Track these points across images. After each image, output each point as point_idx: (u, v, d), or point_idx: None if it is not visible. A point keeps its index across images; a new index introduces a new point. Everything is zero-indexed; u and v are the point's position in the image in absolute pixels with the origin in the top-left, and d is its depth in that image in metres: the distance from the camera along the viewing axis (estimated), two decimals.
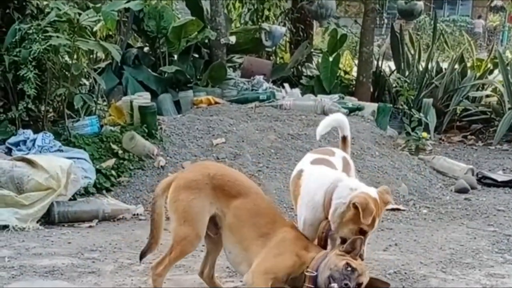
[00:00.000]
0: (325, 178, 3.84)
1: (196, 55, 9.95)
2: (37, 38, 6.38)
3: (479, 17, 27.65)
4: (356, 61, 11.17)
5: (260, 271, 3.66)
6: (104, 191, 6.49)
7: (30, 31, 6.43)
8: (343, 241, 3.73)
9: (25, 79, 6.41)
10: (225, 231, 3.89)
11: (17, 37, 6.55)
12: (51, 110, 7.26)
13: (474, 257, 5.21)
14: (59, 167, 5.84)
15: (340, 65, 10.90)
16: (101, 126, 7.34)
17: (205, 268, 4.18)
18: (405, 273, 4.72)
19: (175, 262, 3.94)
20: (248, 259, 3.79)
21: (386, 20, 18.94)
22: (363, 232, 3.67)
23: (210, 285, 4.17)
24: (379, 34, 17.44)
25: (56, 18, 6.48)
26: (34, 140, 6.52)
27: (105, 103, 8.11)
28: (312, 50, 11.83)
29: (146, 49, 10.16)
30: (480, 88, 10.85)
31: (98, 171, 6.57)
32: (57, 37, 6.40)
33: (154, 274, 3.87)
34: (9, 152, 6.48)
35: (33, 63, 6.47)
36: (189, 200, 3.86)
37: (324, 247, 3.76)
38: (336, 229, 3.72)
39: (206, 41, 9.70)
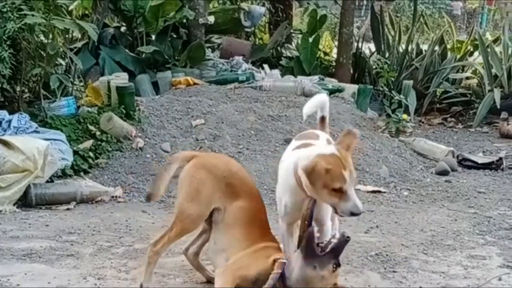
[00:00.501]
0: (293, 157, 3.74)
1: (174, 35, 9.83)
2: (12, 16, 6.23)
3: None
4: (336, 42, 11.11)
5: (233, 267, 3.65)
6: (81, 173, 6.39)
7: (4, 9, 6.28)
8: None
9: (0, 58, 6.27)
10: (218, 225, 3.84)
11: None
12: (26, 90, 7.13)
13: (455, 239, 5.22)
14: (35, 148, 5.73)
15: (320, 46, 10.86)
16: (78, 107, 7.23)
17: (191, 246, 4.12)
18: (387, 255, 4.71)
19: (175, 240, 3.86)
20: (227, 255, 3.76)
21: (365, 2, 18.88)
22: (341, 191, 3.48)
23: (193, 263, 4.12)
24: (358, 16, 17.37)
25: None
26: (9, 121, 6.38)
27: (81, 84, 7.98)
28: (291, 31, 11.76)
29: (123, 28, 10.01)
30: (460, 70, 10.87)
31: (75, 152, 6.47)
32: (32, 15, 6.25)
33: (151, 250, 3.81)
34: None
35: (8, 42, 6.33)
36: (205, 181, 3.82)
37: (309, 225, 3.67)
38: (319, 200, 3.58)
39: (184, 21, 9.58)
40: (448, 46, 11.21)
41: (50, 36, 6.81)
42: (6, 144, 5.78)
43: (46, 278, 4.08)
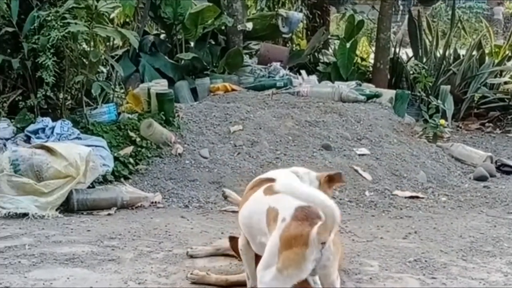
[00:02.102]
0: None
1: (213, 42, 9.92)
2: (56, 25, 6.35)
3: (499, 3, 27.30)
4: (373, 48, 11.08)
5: None
6: (122, 179, 6.49)
7: (49, 18, 6.41)
8: None
9: (44, 66, 6.40)
10: None
11: (35, 24, 6.53)
12: (69, 97, 7.25)
13: (494, 245, 5.16)
14: (78, 154, 5.84)
15: (357, 52, 10.82)
16: (119, 113, 7.34)
17: None
18: (425, 261, 4.69)
19: None
20: None
21: (401, 7, 18.77)
22: None
23: None
24: (394, 21, 17.25)
25: (74, 5, 6.46)
26: (52, 128, 6.52)
27: (122, 91, 8.09)
28: (329, 36, 11.76)
29: (162, 36, 10.14)
30: (498, 75, 10.74)
31: (116, 158, 6.57)
32: (75, 23, 6.38)
33: None
34: (28, 140, 6.48)
35: (52, 50, 6.44)
36: None
37: None
38: None
39: (223, 27, 9.66)
40: (486, 51, 11.09)
41: (92, 44, 6.93)
42: (49, 150, 5.90)
43: (88, 283, 4.15)
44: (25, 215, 5.53)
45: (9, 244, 4.83)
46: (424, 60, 10.54)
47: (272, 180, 3.75)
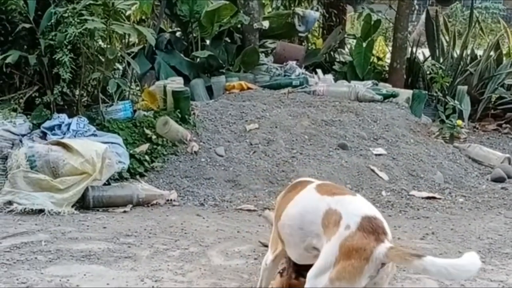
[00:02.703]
0: None
1: (229, 40, 9.88)
2: (73, 21, 6.35)
3: None
4: (390, 47, 11.02)
5: None
6: (137, 176, 6.49)
7: (66, 15, 6.41)
8: None
9: (61, 63, 6.40)
10: None
11: (52, 21, 6.53)
12: (85, 94, 7.25)
13: None
14: (94, 151, 5.84)
15: (374, 51, 10.76)
16: (134, 111, 7.33)
17: None
18: None
19: None
20: None
21: (417, 7, 18.68)
22: None
23: None
24: (410, 20, 17.18)
25: (91, 2, 6.45)
26: (68, 125, 6.51)
27: (138, 88, 8.08)
28: (345, 35, 11.71)
29: (178, 33, 10.12)
30: None
31: (131, 156, 6.57)
32: (92, 20, 6.38)
33: None
34: (44, 136, 6.48)
35: (69, 47, 6.44)
36: None
37: None
38: None
39: (239, 26, 9.62)
40: (504, 52, 11.00)
41: (108, 40, 6.93)
42: (65, 147, 5.91)
43: (105, 280, 4.16)
44: (41, 211, 5.54)
45: (25, 240, 4.84)
46: (441, 60, 10.46)
47: (309, 182, 3.64)
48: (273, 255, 3.67)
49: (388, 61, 10.77)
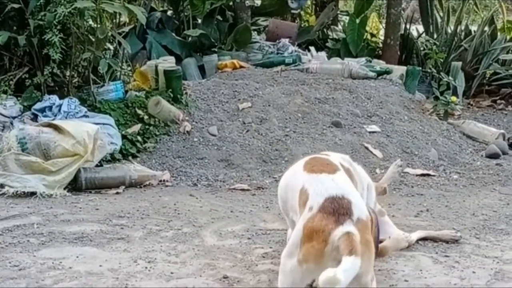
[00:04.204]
0: None
1: (221, 18, 9.80)
2: (62, 1, 6.27)
3: None
4: (383, 24, 10.96)
5: None
6: (130, 157, 6.43)
7: None
8: None
9: (50, 43, 6.32)
10: None
11: (41, 1, 6.43)
12: (76, 75, 7.18)
13: (508, 223, 5.14)
14: (85, 132, 5.79)
15: (367, 28, 10.68)
16: (126, 91, 7.26)
17: None
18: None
19: None
20: None
21: None
22: None
23: None
24: None
25: None
26: (59, 106, 6.45)
27: (129, 68, 8.02)
28: (338, 12, 11.62)
29: (170, 12, 10.04)
30: (511, 51, 10.58)
31: (123, 137, 6.52)
32: None
33: None
34: (35, 118, 6.43)
35: (58, 27, 6.36)
36: None
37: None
38: None
39: (231, 3, 9.56)
40: (498, 27, 10.95)
41: (99, 20, 6.85)
42: (57, 128, 5.85)
43: (98, 261, 4.13)
44: (33, 194, 5.49)
45: (17, 223, 4.81)
46: (435, 36, 10.42)
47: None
48: None
49: (382, 37, 10.73)
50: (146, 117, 6.81)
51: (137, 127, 6.71)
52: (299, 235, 3.07)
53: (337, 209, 3.01)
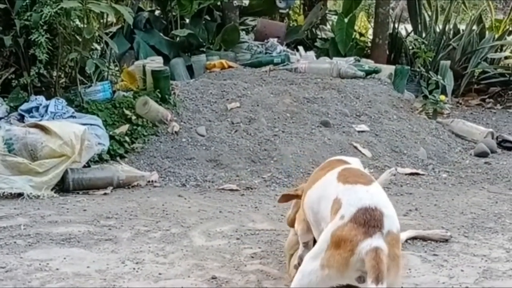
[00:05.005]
0: None
1: (209, 18, 9.77)
2: (48, 1, 6.23)
3: None
4: (372, 23, 10.97)
5: None
6: (118, 158, 6.40)
7: None
8: None
9: (37, 43, 6.28)
10: None
11: (27, 1, 6.39)
12: (63, 75, 7.15)
13: (496, 221, 5.13)
14: (73, 133, 5.75)
15: (356, 27, 10.69)
16: (114, 91, 7.22)
17: None
18: None
19: None
20: None
21: None
22: None
23: None
24: None
25: None
26: (46, 107, 6.41)
27: (117, 68, 7.98)
28: (326, 11, 11.62)
29: (157, 12, 10.01)
30: (499, 50, 10.63)
31: (111, 137, 6.48)
32: None
33: None
34: (21, 119, 6.38)
35: (45, 27, 6.32)
36: None
37: None
38: None
39: (219, 3, 9.53)
40: (486, 25, 10.98)
41: (86, 20, 6.82)
42: (43, 129, 5.81)
43: (85, 262, 4.11)
44: (20, 195, 5.46)
45: (4, 224, 4.77)
46: (424, 35, 10.43)
47: (344, 162, 3.65)
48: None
49: (370, 37, 10.72)
50: (134, 117, 6.77)
51: (125, 128, 6.67)
52: (326, 240, 3.05)
53: (368, 221, 2.97)
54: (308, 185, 3.68)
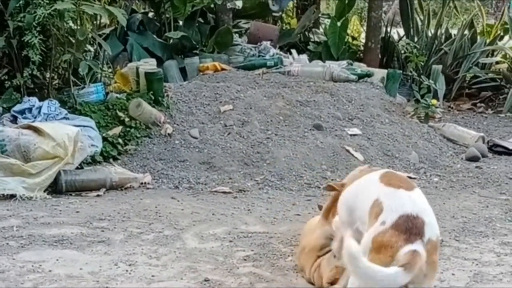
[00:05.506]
0: None
1: (202, 21, 9.78)
2: (42, 2, 6.23)
3: None
4: (364, 27, 11.00)
5: None
6: (111, 160, 6.40)
7: None
8: None
9: (30, 45, 6.27)
10: None
11: (21, 2, 6.37)
12: (56, 77, 7.13)
13: (487, 225, 5.17)
14: (66, 135, 5.75)
15: (348, 31, 10.73)
16: (107, 93, 7.23)
17: None
18: None
19: None
20: None
21: None
22: None
23: None
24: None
25: None
26: (39, 108, 6.40)
27: (110, 70, 7.98)
28: (319, 15, 11.65)
29: (151, 14, 10.01)
30: (490, 55, 10.69)
31: (104, 139, 6.48)
32: (62, 1, 6.26)
33: None
34: (14, 120, 6.37)
35: (38, 29, 6.31)
36: None
37: None
38: None
39: (212, 6, 9.54)
40: (478, 30, 11.03)
41: (79, 22, 6.82)
42: (36, 130, 5.81)
43: (78, 264, 4.11)
44: (12, 196, 5.46)
45: None
46: (416, 39, 10.48)
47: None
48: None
49: (363, 40, 10.78)
50: (127, 119, 6.77)
51: (118, 130, 6.67)
52: (367, 246, 3.07)
53: (410, 229, 2.99)
54: (347, 183, 3.72)
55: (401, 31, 11.12)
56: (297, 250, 4.23)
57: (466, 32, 10.54)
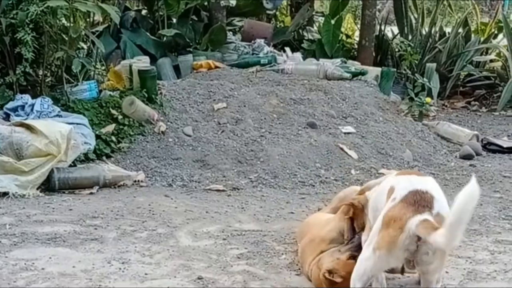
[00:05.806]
0: None
1: (196, 18, 9.76)
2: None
3: None
4: (358, 25, 11.00)
5: None
6: (104, 157, 6.38)
7: None
8: None
9: (23, 42, 6.25)
10: None
11: None
12: (49, 74, 7.11)
13: (481, 223, 5.16)
14: (58, 132, 5.73)
15: (342, 29, 10.72)
16: (100, 91, 7.20)
17: None
18: None
19: None
20: None
21: None
22: None
23: None
24: None
25: None
26: (32, 105, 6.38)
27: (103, 68, 7.96)
28: (313, 13, 11.64)
29: (144, 11, 9.98)
30: (484, 53, 10.70)
31: (97, 136, 6.46)
32: None
33: None
34: (7, 117, 6.35)
35: (31, 26, 6.29)
36: None
37: None
38: None
39: (206, 3, 9.52)
40: (472, 29, 11.05)
41: (72, 19, 6.79)
42: (29, 128, 5.78)
43: (71, 262, 4.10)
44: (5, 194, 5.44)
45: None
46: (410, 37, 10.49)
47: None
48: None
49: (357, 38, 10.77)
50: (120, 117, 6.75)
51: (111, 127, 6.65)
52: (379, 224, 3.11)
53: (419, 201, 3.03)
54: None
55: (395, 29, 11.12)
56: (301, 242, 4.19)
57: (460, 30, 10.55)
